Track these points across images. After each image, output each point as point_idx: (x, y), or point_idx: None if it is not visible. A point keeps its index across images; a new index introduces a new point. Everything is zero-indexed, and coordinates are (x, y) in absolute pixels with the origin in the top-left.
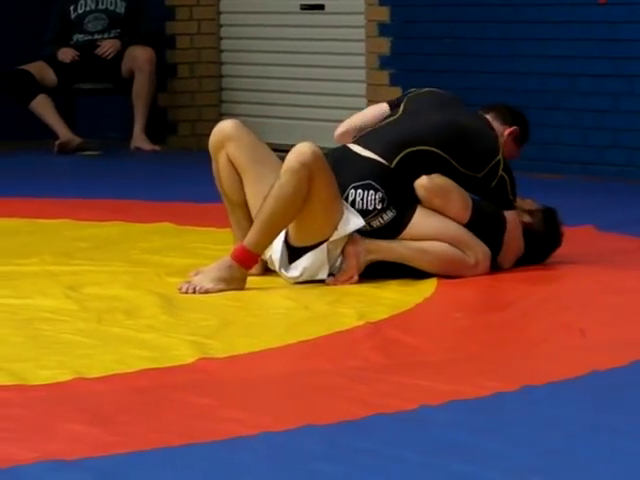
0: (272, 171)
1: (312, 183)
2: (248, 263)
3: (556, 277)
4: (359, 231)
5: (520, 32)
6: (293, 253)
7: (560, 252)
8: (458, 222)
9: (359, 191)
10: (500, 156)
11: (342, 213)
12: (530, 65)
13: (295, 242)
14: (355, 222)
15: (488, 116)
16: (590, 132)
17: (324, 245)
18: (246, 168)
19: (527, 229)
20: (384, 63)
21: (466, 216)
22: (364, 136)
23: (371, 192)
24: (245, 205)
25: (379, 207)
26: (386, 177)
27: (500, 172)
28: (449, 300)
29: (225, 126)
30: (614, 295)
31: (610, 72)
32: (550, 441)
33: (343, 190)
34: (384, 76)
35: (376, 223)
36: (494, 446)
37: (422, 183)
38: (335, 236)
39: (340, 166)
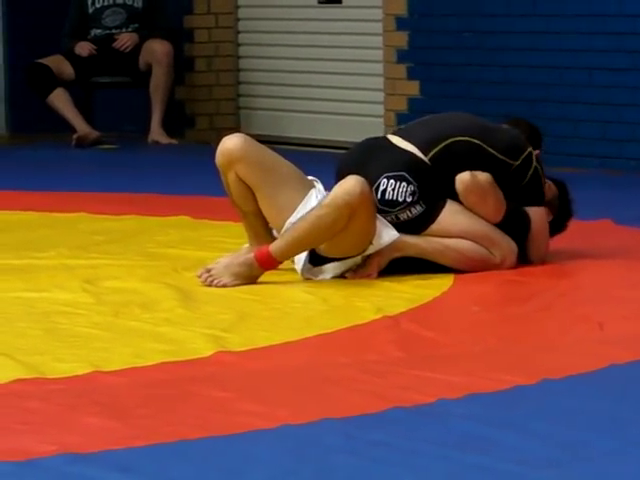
0: (285, 182)
1: (352, 217)
2: (268, 266)
3: (574, 271)
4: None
5: (538, 25)
6: (318, 259)
7: (578, 246)
8: (488, 221)
9: (391, 181)
10: (531, 148)
11: (375, 229)
12: (548, 59)
13: (323, 253)
14: (389, 234)
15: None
16: (608, 126)
17: (358, 257)
18: (259, 187)
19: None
20: (402, 57)
21: (498, 219)
22: (405, 128)
23: (403, 184)
24: (258, 213)
25: (409, 200)
26: (421, 171)
27: (534, 163)
28: (467, 294)
29: (229, 146)
30: (632, 289)
31: (628, 66)
32: (568, 434)
33: (376, 179)
34: (402, 70)
35: (404, 216)
36: (512, 439)
37: (463, 179)
38: (370, 250)
39: (376, 155)
